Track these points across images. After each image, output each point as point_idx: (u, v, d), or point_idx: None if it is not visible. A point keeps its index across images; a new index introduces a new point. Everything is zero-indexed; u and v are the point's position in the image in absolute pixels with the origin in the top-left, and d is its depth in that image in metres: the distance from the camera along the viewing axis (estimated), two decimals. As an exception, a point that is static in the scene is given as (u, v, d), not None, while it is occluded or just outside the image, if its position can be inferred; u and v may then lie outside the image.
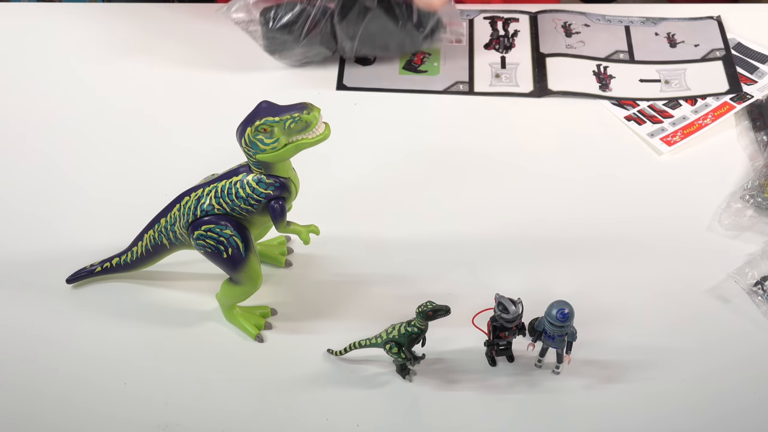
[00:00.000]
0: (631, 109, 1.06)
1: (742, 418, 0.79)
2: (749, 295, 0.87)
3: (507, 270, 0.90)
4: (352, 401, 0.81)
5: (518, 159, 1.01)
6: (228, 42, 1.13)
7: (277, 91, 0.98)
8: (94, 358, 0.84)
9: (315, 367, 0.83)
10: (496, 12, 1.19)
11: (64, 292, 0.89)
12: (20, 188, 0.99)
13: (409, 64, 1.12)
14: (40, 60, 1.14)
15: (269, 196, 0.77)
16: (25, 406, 0.81)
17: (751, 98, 1.06)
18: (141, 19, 1.19)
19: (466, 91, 1.09)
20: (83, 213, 0.96)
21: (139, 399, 0.81)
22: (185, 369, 0.83)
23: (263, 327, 0.85)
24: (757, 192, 0.94)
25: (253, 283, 0.82)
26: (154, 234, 0.83)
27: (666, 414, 0.79)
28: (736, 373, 0.82)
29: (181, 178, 0.84)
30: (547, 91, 1.08)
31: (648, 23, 1.16)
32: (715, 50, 1.12)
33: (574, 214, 0.95)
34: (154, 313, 0.87)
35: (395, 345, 0.78)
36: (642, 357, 0.83)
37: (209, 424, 0.79)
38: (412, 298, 0.81)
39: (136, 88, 1.10)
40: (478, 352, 0.83)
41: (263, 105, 0.75)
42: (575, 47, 1.13)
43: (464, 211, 0.95)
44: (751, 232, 0.93)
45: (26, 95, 1.10)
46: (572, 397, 0.80)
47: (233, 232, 0.78)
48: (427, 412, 0.80)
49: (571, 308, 0.75)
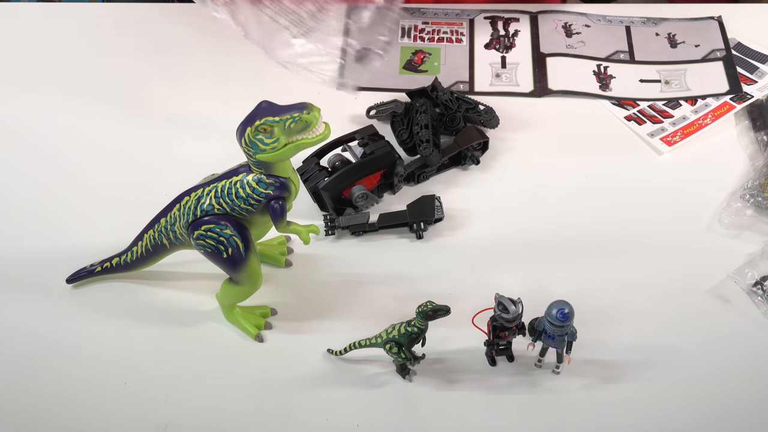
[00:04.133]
0: (631, 109, 1.06)
1: (742, 418, 0.79)
2: (749, 295, 0.87)
3: (507, 270, 0.90)
4: (352, 401, 0.81)
5: (518, 158, 1.01)
6: (228, 42, 1.13)
7: (277, 91, 0.98)
8: (94, 358, 0.84)
9: (315, 367, 0.83)
10: (497, 12, 1.19)
11: (64, 292, 0.89)
12: (20, 188, 0.99)
13: (409, 64, 1.12)
14: (41, 59, 1.14)
15: (269, 196, 0.77)
16: (26, 405, 0.81)
17: (751, 98, 1.06)
18: (141, 19, 1.19)
19: (467, 90, 1.09)
20: (83, 213, 0.96)
21: (139, 399, 0.81)
22: (185, 369, 0.83)
23: (263, 327, 0.85)
24: (757, 191, 0.94)
25: (253, 283, 0.82)
26: (154, 234, 0.83)
27: (666, 414, 0.79)
28: (736, 373, 0.82)
29: (181, 178, 0.84)
30: (547, 90, 1.08)
31: (649, 23, 1.16)
32: (715, 50, 1.12)
33: (574, 213, 0.95)
34: (154, 313, 0.87)
35: (395, 345, 0.78)
36: (642, 357, 0.83)
37: (209, 423, 0.79)
38: (412, 298, 0.81)
39: (137, 88, 1.10)
40: (478, 352, 0.83)
41: (263, 105, 0.75)
42: (575, 47, 1.13)
43: (464, 211, 0.95)
44: (751, 231, 0.93)
45: (26, 95, 1.10)
46: (572, 397, 0.80)
47: (233, 232, 0.78)
48: (426, 412, 0.80)
49: (571, 308, 0.75)
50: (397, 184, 0.96)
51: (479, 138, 0.98)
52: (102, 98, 1.09)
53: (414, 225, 0.92)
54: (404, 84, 1.09)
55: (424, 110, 0.97)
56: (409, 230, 0.93)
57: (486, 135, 0.99)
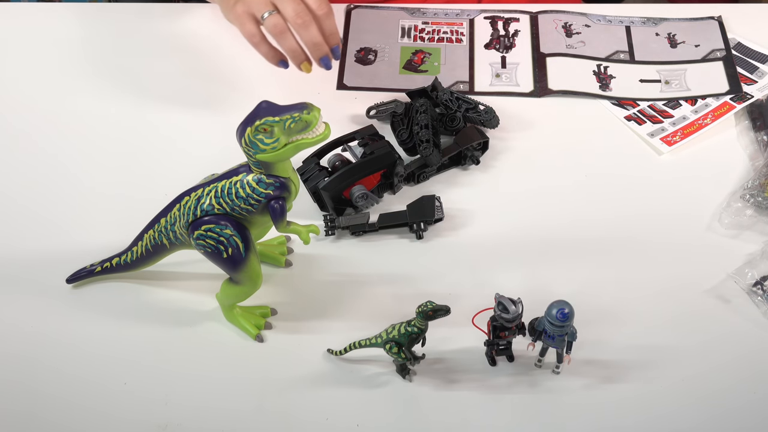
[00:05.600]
0: (631, 109, 1.06)
1: (741, 417, 0.79)
2: (749, 295, 0.87)
3: (507, 270, 0.90)
4: (352, 401, 0.81)
5: (518, 158, 1.01)
6: (228, 42, 1.13)
7: (277, 92, 0.98)
8: (94, 358, 0.84)
9: (315, 367, 0.83)
10: (497, 12, 1.19)
11: (64, 292, 0.89)
12: (20, 188, 0.99)
13: (409, 64, 1.12)
14: (41, 59, 1.14)
15: (269, 196, 0.77)
16: (26, 405, 0.81)
17: (751, 98, 1.06)
18: (142, 20, 1.19)
19: (467, 90, 1.09)
20: (83, 213, 0.96)
21: (139, 399, 0.81)
22: (185, 369, 0.83)
23: (263, 327, 0.85)
24: (757, 191, 0.94)
25: (253, 283, 0.82)
26: (154, 234, 0.83)
27: (666, 414, 0.79)
28: (735, 373, 0.82)
29: (181, 178, 0.84)
30: (547, 90, 1.08)
31: (649, 23, 1.16)
32: (715, 50, 1.12)
33: (574, 213, 0.95)
34: (154, 313, 0.87)
35: (395, 345, 0.78)
36: (642, 357, 0.83)
37: (209, 423, 0.79)
38: (412, 298, 0.81)
39: (137, 88, 1.10)
40: (478, 352, 0.83)
41: (263, 105, 0.75)
42: (575, 47, 1.13)
43: (464, 211, 0.95)
44: (751, 231, 0.93)
45: (27, 95, 1.10)
46: (572, 397, 0.80)
47: (233, 232, 0.78)
48: (426, 412, 0.80)
49: (571, 308, 0.75)
50: (397, 184, 0.96)
51: (479, 138, 0.98)
52: (102, 98, 1.09)
53: (414, 225, 0.92)
54: (404, 84, 1.09)
55: (424, 110, 0.97)
56: (409, 230, 0.93)
57: (486, 135, 0.99)
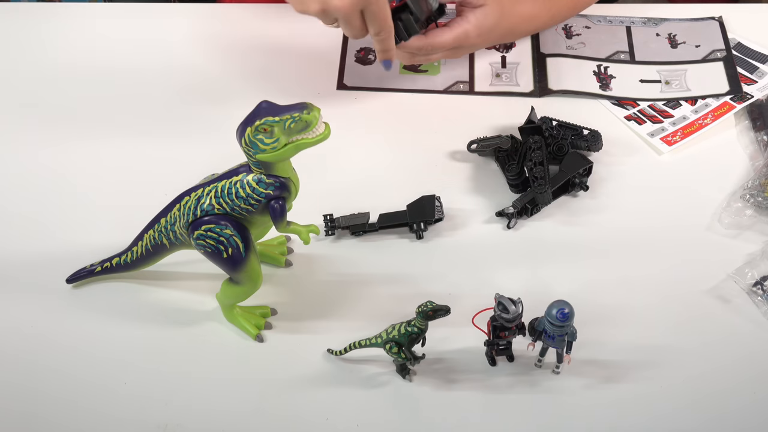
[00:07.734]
0: (631, 109, 1.06)
1: (742, 418, 0.79)
2: (749, 295, 0.87)
3: (507, 270, 0.90)
4: (352, 401, 0.81)
5: (518, 159, 1.01)
6: (229, 42, 1.13)
7: (277, 92, 0.98)
8: (94, 358, 0.84)
9: (315, 367, 0.83)
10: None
11: (64, 292, 0.89)
12: (20, 188, 0.99)
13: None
14: (41, 60, 1.14)
15: (269, 196, 0.77)
16: (25, 405, 0.81)
17: (751, 98, 1.06)
18: (140, 20, 1.19)
19: (467, 90, 1.09)
20: (83, 213, 0.96)
21: (139, 399, 0.81)
22: (185, 369, 0.83)
23: (263, 327, 0.85)
24: (757, 191, 0.94)
25: (253, 283, 0.82)
26: (154, 234, 0.83)
27: (666, 414, 0.79)
28: (735, 373, 0.82)
29: (181, 178, 0.84)
30: (547, 90, 1.08)
31: (649, 24, 1.16)
32: (716, 51, 1.12)
33: (574, 213, 0.95)
34: (154, 313, 0.87)
35: (395, 345, 0.78)
36: (642, 357, 0.83)
37: (209, 423, 0.79)
38: (412, 298, 0.81)
39: (137, 88, 1.10)
40: (478, 352, 0.83)
41: (263, 105, 0.75)
42: (576, 48, 1.13)
43: (464, 211, 0.95)
44: (751, 231, 0.93)
45: (27, 95, 1.10)
46: (572, 397, 0.80)
47: (233, 232, 0.78)
48: (426, 412, 0.80)
49: (571, 308, 0.75)
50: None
51: (584, 163, 0.96)
52: (102, 98, 1.09)
53: (414, 225, 0.92)
54: (404, 84, 1.09)
55: (539, 147, 0.95)
56: (409, 230, 0.93)
57: (589, 159, 0.97)
